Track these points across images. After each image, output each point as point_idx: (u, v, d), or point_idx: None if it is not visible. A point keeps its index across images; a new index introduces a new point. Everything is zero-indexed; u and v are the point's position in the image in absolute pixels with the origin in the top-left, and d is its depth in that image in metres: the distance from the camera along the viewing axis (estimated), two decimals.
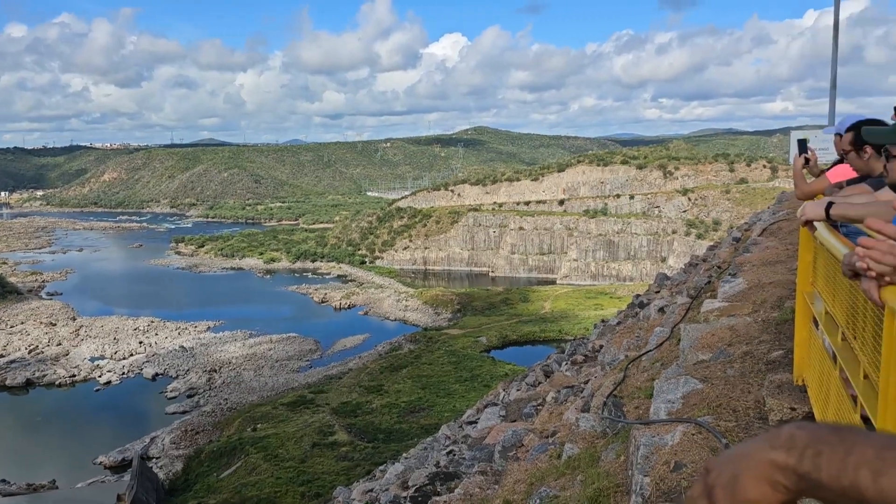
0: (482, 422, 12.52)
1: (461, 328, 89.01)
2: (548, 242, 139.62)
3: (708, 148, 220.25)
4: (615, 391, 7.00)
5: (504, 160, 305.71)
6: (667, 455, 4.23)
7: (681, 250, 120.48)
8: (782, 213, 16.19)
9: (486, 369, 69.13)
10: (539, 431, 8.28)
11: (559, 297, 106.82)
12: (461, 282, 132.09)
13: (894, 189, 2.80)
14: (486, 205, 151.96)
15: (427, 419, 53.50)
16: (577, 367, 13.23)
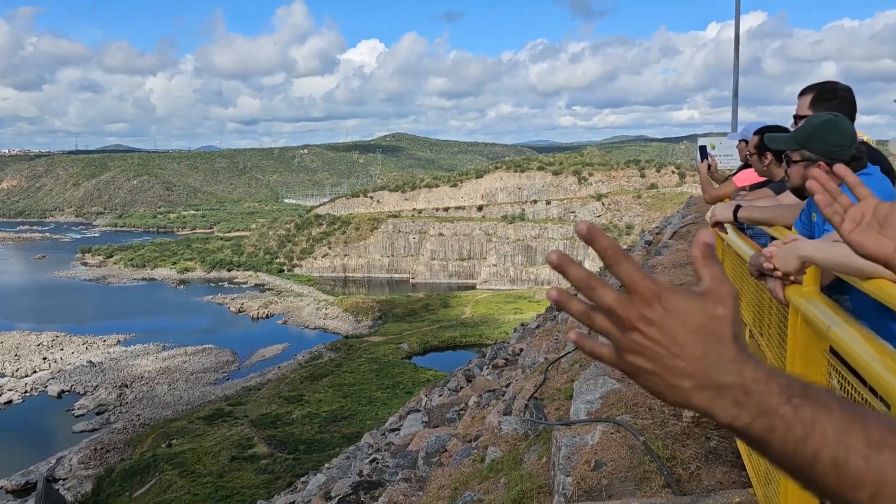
0: (405, 428, 12.45)
1: (382, 335, 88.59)
2: (467, 248, 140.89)
3: (620, 154, 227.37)
4: (536, 393, 7.09)
5: (423, 167, 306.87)
6: (587, 454, 4.31)
7: (595, 255, 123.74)
8: (691, 217, 16.87)
9: (408, 376, 69.02)
10: (462, 436, 8.29)
11: (479, 301, 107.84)
12: (382, 289, 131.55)
13: (795, 193, 2.94)
14: (406, 211, 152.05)
15: (349, 428, 52.94)
16: (499, 370, 13.33)
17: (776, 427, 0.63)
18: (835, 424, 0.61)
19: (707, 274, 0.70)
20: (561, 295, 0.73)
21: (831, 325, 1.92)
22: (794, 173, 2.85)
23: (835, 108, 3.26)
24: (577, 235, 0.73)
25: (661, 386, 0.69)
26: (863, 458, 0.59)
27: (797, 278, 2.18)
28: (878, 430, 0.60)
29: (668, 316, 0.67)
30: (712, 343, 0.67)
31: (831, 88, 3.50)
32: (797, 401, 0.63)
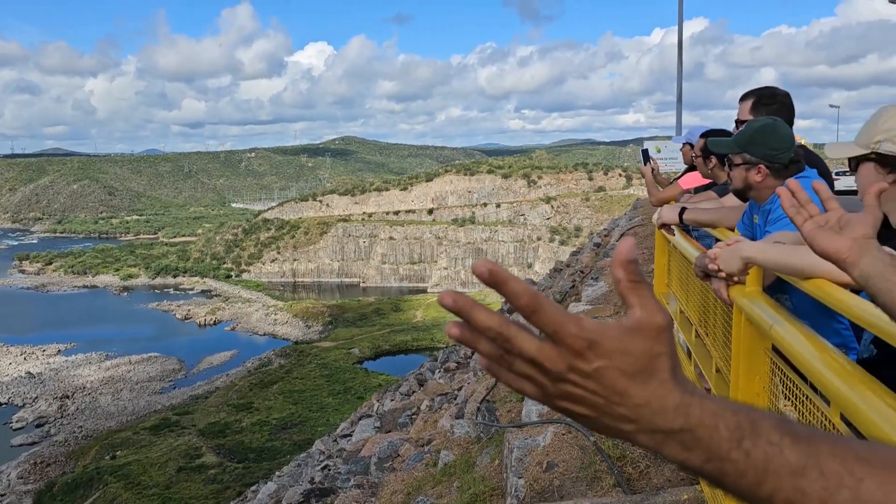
0: (357, 434, 12.36)
1: (333, 340, 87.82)
2: (418, 251, 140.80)
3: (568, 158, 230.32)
4: (488, 396, 7.12)
5: (373, 170, 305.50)
6: (539, 456, 4.34)
7: (546, 256, 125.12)
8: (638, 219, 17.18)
9: (359, 381, 68.53)
10: (415, 440, 8.27)
11: (431, 305, 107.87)
12: (332, 293, 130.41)
13: (737, 195, 3.02)
14: (356, 215, 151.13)
15: (300, 435, 52.27)
16: (451, 374, 13.35)
17: (728, 472, 0.60)
18: (789, 466, 0.58)
19: (636, 302, 0.63)
20: (463, 333, 0.65)
21: (773, 323, 1.97)
22: (737, 176, 2.92)
23: (774, 113, 3.36)
24: (478, 279, 0.63)
25: (599, 427, 0.65)
26: (819, 501, 0.56)
27: (740, 279, 2.23)
28: (832, 467, 0.57)
29: (602, 365, 0.61)
30: (654, 387, 0.62)
31: (770, 94, 3.60)
32: (748, 444, 0.60)
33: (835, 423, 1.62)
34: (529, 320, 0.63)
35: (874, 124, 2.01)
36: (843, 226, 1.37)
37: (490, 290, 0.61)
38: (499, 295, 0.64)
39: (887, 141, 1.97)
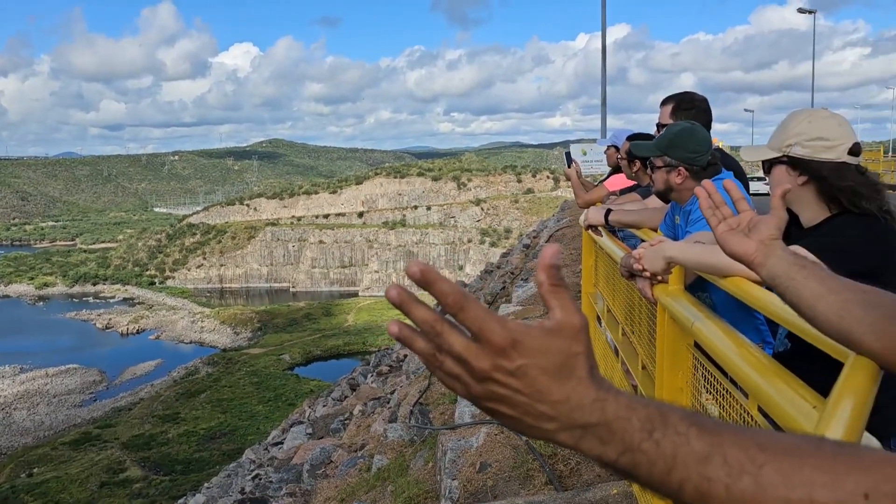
0: (288, 441, 12.17)
1: (262, 347, 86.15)
2: (348, 255, 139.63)
3: (497, 160, 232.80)
4: (421, 399, 7.12)
5: (301, 173, 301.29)
6: (472, 457, 4.37)
7: (476, 258, 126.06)
8: (565, 221, 17.51)
9: (290, 387, 67.42)
10: (347, 446, 8.21)
11: (362, 309, 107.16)
12: (261, 299, 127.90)
13: (660, 196, 3.11)
14: (285, 219, 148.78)
15: (229, 444, 51.02)
16: (383, 377, 13.30)
17: (640, 462, 0.63)
18: (695, 455, 0.61)
19: (556, 304, 0.66)
20: (402, 331, 0.67)
21: (695, 321, 2.04)
22: (658, 179, 3.01)
23: (692, 117, 3.48)
24: (410, 279, 0.65)
25: (522, 427, 0.67)
26: (723, 487, 0.59)
27: (664, 278, 2.30)
28: (735, 454, 0.60)
29: (524, 363, 0.64)
30: (573, 384, 0.65)
31: (689, 98, 3.73)
32: (658, 434, 0.63)
33: (753, 415, 1.68)
34: (457, 319, 0.65)
35: (785, 129, 2.11)
36: (752, 227, 1.44)
37: (421, 294, 0.63)
38: (429, 299, 0.66)
39: (797, 145, 2.07)
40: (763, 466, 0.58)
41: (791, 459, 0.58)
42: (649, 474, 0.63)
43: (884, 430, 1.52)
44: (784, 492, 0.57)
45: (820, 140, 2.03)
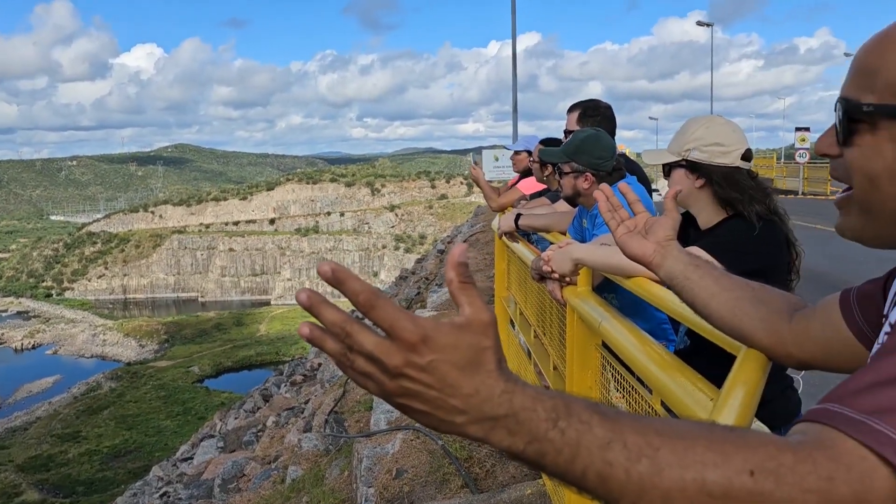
0: (198, 456, 11.80)
1: (170, 359, 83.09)
2: (260, 263, 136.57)
3: (411, 166, 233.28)
4: (336, 407, 7.05)
5: (210, 179, 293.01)
6: (389, 463, 4.35)
7: (391, 264, 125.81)
8: (479, 226, 17.71)
9: (200, 400, 65.25)
10: (261, 458, 8.03)
11: (275, 318, 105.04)
12: (168, 309, 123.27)
13: (568, 201, 3.19)
14: (192, 226, 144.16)
15: (135, 462, 48.88)
16: (297, 387, 13.10)
17: (547, 451, 0.65)
18: (597, 441, 0.64)
19: (465, 301, 0.68)
20: (313, 332, 0.68)
21: (602, 320, 2.10)
22: (566, 184, 3.09)
23: (598, 124, 3.60)
24: (322, 278, 0.67)
25: (434, 422, 0.69)
26: (623, 470, 0.63)
27: (572, 279, 2.36)
28: (634, 439, 0.64)
29: (435, 358, 0.66)
30: (482, 377, 0.67)
31: (594, 106, 3.85)
32: (563, 423, 0.65)
33: (656, 409, 1.75)
34: (368, 317, 0.67)
35: (684, 134, 2.21)
36: (649, 229, 1.49)
37: (336, 302, 0.64)
38: (344, 307, 0.66)
39: (696, 149, 2.17)
40: (659, 449, 0.62)
41: (685, 442, 0.63)
42: (555, 462, 0.65)
43: (773, 421, 1.61)
44: (679, 471, 0.61)
45: (716, 145, 2.14)
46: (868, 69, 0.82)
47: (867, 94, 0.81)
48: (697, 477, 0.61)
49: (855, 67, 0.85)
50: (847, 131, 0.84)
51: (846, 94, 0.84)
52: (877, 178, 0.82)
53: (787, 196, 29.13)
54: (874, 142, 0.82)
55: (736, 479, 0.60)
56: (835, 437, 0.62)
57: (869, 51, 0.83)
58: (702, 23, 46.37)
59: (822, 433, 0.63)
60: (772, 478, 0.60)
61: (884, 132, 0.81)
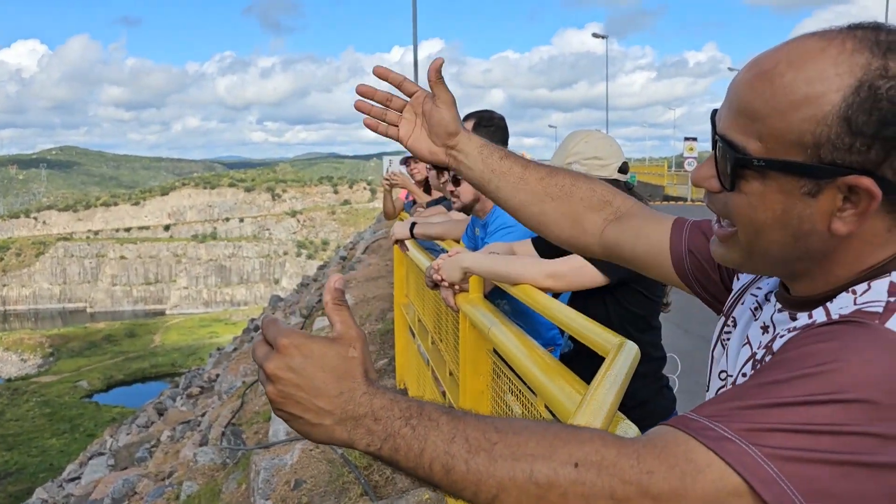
0: (87, 476, 11.24)
1: (55, 374, 78.50)
2: (154, 271, 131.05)
3: (314, 171, 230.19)
4: (234, 419, 6.89)
5: (99, 183, 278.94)
6: (287, 475, 4.30)
7: (293, 271, 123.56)
8: (382, 232, 17.71)
9: (88, 417, 61.89)
10: (154, 475, 7.73)
11: (170, 328, 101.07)
12: (53, 321, 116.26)
13: (463, 211, 3.25)
14: (80, 233, 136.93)
15: (16, 485, 45.78)
16: (193, 399, 12.71)
17: (400, 447, 0.72)
18: (443, 436, 0.71)
19: (338, 319, 0.79)
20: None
21: (491, 326, 2.16)
22: (467, 190, 3.14)
23: (492, 134, 3.69)
24: None
25: (308, 427, 0.76)
26: (464, 462, 0.70)
27: (463, 287, 2.42)
28: (474, 435, 0.71)
29: (305, 361, 0.75)
30: (347, 381, 0.75)
31: (489, 116, 3.95)
32: (414, 421, 0.73)
33: (541, 411, 1.82)
34: (264, 337, 0.79)
35: (566, 148, 2.32)
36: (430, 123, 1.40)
37: (235, 310, 0.74)
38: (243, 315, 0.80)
39: (576, 163, 2.28)
40: (496, 444, 0.70)
41: (519, 437, 0.70)
42: (407, 457, 0.72)
43: (650, 420, 1.71)
44: (510, 463, 0.68)
45: (595, 159, 2.26)
46: (752, 113, 0.78)
47: (753, 140, 0.78)
48: (526, 468, 0.68)
49: (736, 106, 0.80)
50: (734, 177, 0.80)
51: (728, 136, 0.80)
52: (763, 227, 0.80)
53: (676, 203, 30.64)
54: (762, 191, 0.79)
55: (561, 469, 0.67)
56: (676, 437, 0.68)
57: (752, 90, 0.78)
58: (597, 35, 48.29)
59: (665, 433, 0.69)
60: (594, 469, 0.66)
61: (773, 182, 0.78)
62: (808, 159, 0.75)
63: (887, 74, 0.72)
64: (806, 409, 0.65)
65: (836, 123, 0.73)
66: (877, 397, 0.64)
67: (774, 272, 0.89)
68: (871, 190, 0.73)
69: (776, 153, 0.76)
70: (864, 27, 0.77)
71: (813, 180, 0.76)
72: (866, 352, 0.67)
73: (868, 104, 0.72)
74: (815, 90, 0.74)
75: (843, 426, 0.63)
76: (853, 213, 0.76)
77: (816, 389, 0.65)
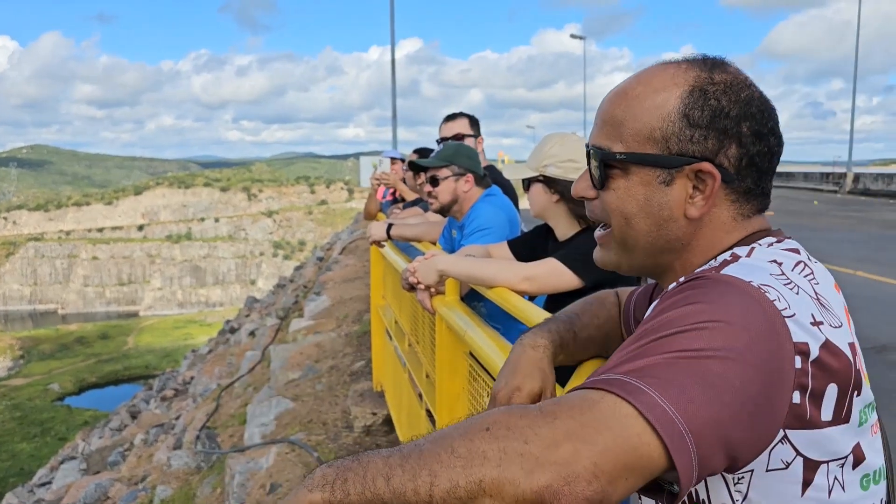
0: (58, 480, 11.06)
1: (26, 377, 77.20)
2: (127, 272, 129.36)
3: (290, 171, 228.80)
4: (208, 422, 6.82)
5: (71, 183, 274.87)
6: (262, 478, 4.26)
7: (269, 272, 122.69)
8: (359, 233, 17.64)
9: (60, 420, 60.87)
10: (127, 479, 7.63)
11: (144, 329, 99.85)
12: (23, 323, 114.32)
13: (440, 212, 3.25)
14: (51, 233, 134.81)
15: None
16: (168, 402, 12.56)
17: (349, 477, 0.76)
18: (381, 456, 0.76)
19: None
20: None
21: (467, 329, 2.16)
22: (446, 189, 3.14)
23: (478, 133, 3.79)
24: None
25: None
26: (399, 467, 0.74)
27: (439, 289, 2.42)
28: (407, 447, 0.77)
29: None
30: None
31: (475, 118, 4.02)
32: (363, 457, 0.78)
33: None
34: None
35: (541, 150, 2.32)
36: None
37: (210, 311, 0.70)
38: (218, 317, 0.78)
39: (552, 165, 2.28)
40: (424, 445, 0.76)
41: (443, 431, 0.77)
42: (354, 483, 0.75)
43: None
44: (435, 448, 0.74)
45: (570, 161, 2.26)
46: (614, 121, 0.98)
47: (616, 142, 0.97)
48: (447, 446, 0.74)
49: (602, 119, 1.00)
50: (603, 176, 0.99)
51: (597, 143, 1.00)
52: (631, 216, 0.98)
53: None
54: (627, 185, 0.97)
55: (475, 437, 0.73)
56: (571, 393, 0.78)
57: (613, 104, 0.99)
58: (575, 35, 48.65)
59: (560, 396, 0.79)
60: (503, 427, 0.73)
61: (635, 177, 0.96)
62: (659, 152, 0.95)
63: (713, 81, 0.95)
64: (672, 339, 0.77)
65: (678, 119, 0.94)
66: (728, 319, 0.78)
67: (644, 267, 1.04)
68: (712, 172, 0.93)
69: (634, 149, 0.96)
70: (696, 56, 1.00)
71: (665, 170, 0.95)
72: (710, 294, 0.82)
73: (700, 102, 0.94)
74: (660, 96, 0.95)
75: (705, 349, 0.76)
76: (702, 198, 0.95)
77: (679, 326, 0.78)
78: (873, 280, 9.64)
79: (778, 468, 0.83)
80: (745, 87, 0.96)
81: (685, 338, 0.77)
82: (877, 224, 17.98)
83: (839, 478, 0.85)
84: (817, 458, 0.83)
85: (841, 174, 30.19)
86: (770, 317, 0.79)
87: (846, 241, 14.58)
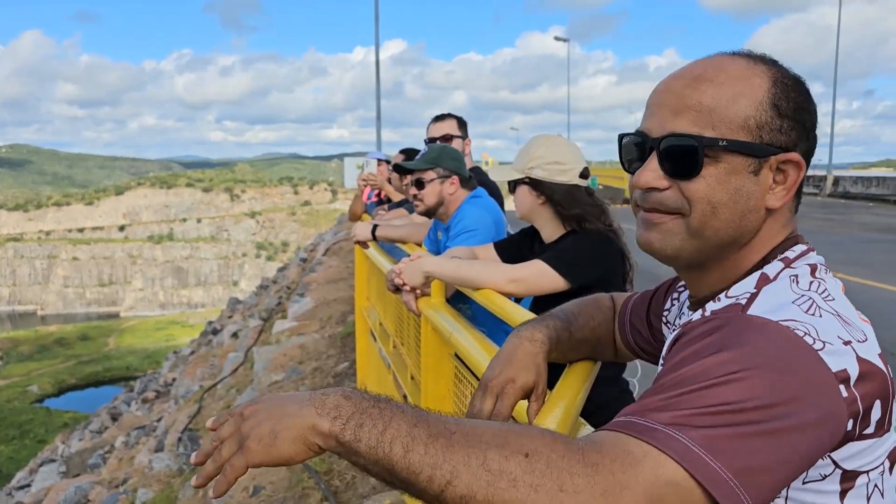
0: (37, 483, 10.92)
1: (4, 378, 76.24)
2: (108, 273, 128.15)
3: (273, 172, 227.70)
4: (190, 424, 6.77)
5: (51, 182, 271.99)
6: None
7: (252, 273, 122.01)
8: (343, 234, 17.59)
9: (39, 422, 60.10)
10: (107, 482, 7.55)
11: (125, 331, 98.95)
12: (2, 324, 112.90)
13: (425, 214, 3.24)
14: (30, 233, 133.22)
15: None
16: (149, 404, 12.45)
17: (365, 423, 0.77)
18: (406, 419, 0.76)
19: None
20: None
21: (453, 331, 2.15)
22: (431, 191, 3.12)
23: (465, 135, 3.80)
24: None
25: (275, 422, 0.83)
26: (423, 445, 0.74)
27: (425, 291, 2.41)
28: (436, 422, 0.76)
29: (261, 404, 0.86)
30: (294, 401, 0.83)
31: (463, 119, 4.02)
32: (382, 404, 0.79)
33: None
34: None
35: (527, 152, 2.32)
36: None
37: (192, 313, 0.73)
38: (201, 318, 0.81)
39: (538, 167, 2.28)
40: (454, 433, 0.75)
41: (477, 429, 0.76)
42: (369, 435, 0.76)
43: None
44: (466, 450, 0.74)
45: (556, 164, 2.26)
46: (701, 107, 0.92)
47: (707, 129, 0.91)
48: (480, 455, 0.72)
49: (681, 106, 0.93)
50: (697, 164, 0.92)
51: (679, 130, 0.93)
52: (719, 205, 0.93)
53: None
54: (717, 173, 0.92)
55: (512, 458, 0.72)
56: (611, 436, 0.75)
57: (692, 90, 0.93)
58: (559, 38, 48.82)
59: (601, 435, 0.76)
60: (543, 461, 0.71)
61: (726, 164, 0.91)
62: (753, 140, 0.92)
63: (785, 75, 0.94)
64: (708, 392, 0.75)
65: (769, 108, 0.92)
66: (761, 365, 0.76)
67: (701, 261, 0.99)
68: (800, 163, 0.93)
69: (728, 136, 0.91)
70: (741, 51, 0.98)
71: (756, 159, 0.92)
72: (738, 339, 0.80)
73: (784, 93, 0.92)
74: (748, 83, 0.92)
75: (745, 401, 0.74)
76: (783, 188, 0.94)
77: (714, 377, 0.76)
78: (855, 282, 9.75)
79: (815, 479, 0.82)
80: (805, 85, 0.96)
81: (722, 391, 0.74)
82: (857, 226, 18.18)
83: (879, 485, 0.85)
84: (856, 467, 0.83)
85: (821, 177, 30.48)
86: (804, 356, 0.78)
87: (827, 244, 14.74)
